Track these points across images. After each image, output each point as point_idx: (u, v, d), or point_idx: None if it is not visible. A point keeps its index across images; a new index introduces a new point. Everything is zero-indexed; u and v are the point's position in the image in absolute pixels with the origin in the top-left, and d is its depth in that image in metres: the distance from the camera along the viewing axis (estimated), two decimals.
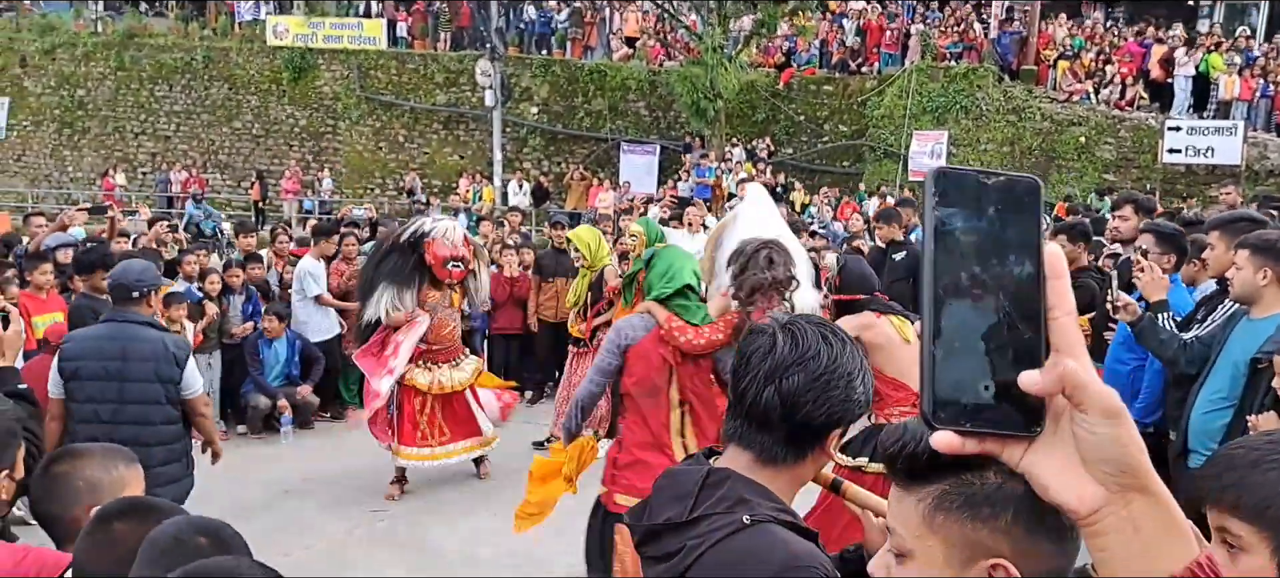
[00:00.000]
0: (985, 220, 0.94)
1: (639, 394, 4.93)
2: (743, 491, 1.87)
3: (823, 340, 1.89)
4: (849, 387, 1.88)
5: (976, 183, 0.95)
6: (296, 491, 8.41)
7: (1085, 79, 23.98)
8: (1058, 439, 0.93)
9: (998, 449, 0.95)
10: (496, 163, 26.12)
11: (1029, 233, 0.94)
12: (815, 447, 1.92)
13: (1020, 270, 0.93)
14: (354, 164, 29.18)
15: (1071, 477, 0.93)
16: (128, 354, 5.46)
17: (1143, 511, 0.93)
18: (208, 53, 29.95)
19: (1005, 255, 0.93)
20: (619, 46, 28.81)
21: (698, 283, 5.14)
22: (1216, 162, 21.34)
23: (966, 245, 0.93)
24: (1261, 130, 22.34)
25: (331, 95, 29.30)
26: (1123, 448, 0.91)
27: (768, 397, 1.87)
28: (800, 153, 26.14)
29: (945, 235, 0.94)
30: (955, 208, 0.94)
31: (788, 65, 26.80)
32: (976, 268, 0.93)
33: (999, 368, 0.92)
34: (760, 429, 1.90)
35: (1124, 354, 6.33)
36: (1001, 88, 24.09)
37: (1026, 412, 0.93)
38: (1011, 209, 0.94)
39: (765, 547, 1.79)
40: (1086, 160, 22.92)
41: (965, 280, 0.93)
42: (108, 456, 2.93)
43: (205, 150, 30.04)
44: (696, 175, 23.76)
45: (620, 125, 27.60)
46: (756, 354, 1.91)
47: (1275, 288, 4.82)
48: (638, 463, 4.85)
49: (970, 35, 25.22)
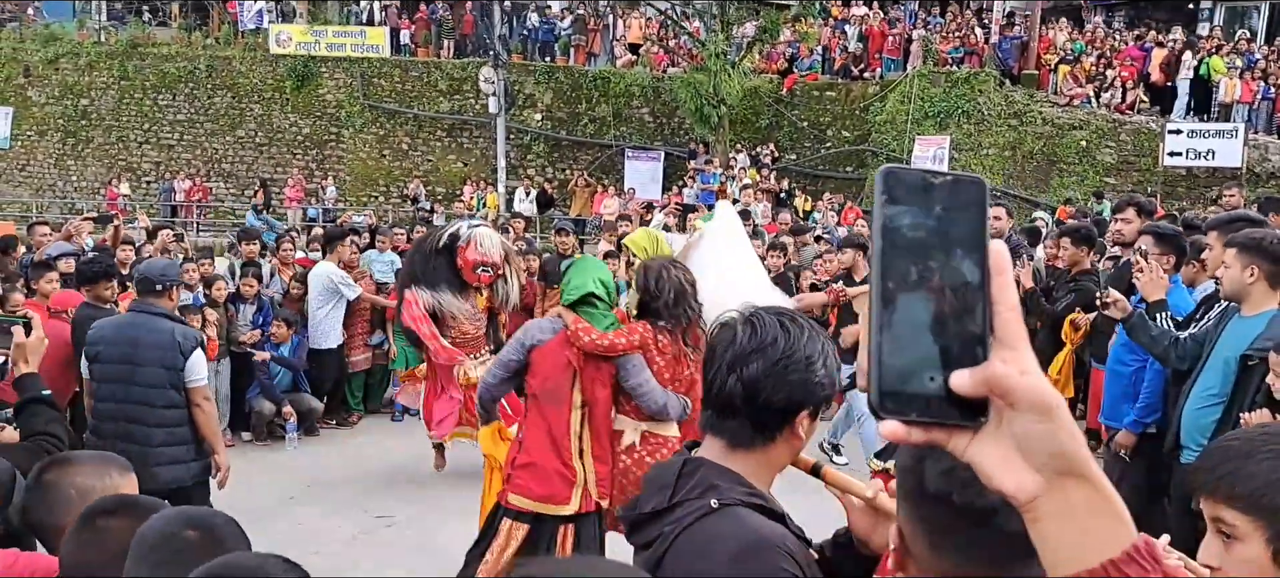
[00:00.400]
0: (932, 218, 0.95)
1: (542, 394, 5.21)
2: (713, 477, 1.98)
3: (781, 328, 1.99)
4: (808, 370, 1.97)
5: (923, 182, 0.97)
6: (302, 497, 8.44)
7: (1086, 83, 24.00)
8: (1000, 430, 0.95)
9: (944, 439, 0.97)
10: (500, 170, 26.15)
11: (975, 230, 0.96)
12: (782, 429, 2.01)
13: (965, 266, 0.95)
14: (357, 172, 29.22)
15: (1012, 466, 0.95)
16: (139, 342, 5.86)
17: (1079, 496, 0.95)
18: (211, 62, 30.00)
19: (951, 251, 0.95)
20: (622, 53, 28.85)
21: (607, 292, 5.39)
22: (1217, 164, 21.36)
23: (913, 241, 0.95)
24: (1263, 133, 22.36)
25: (335, 103, 29.33)
26: (1055, 440, 0.94)
27: (731, 385, 1.98)
28: (803, 159, 26.17)
29: (893, 232, 0.95)
30: (902, 205, 0.96)
31: (791, 71, 26.83)
32: (923, 263, 0.95)
33: (944, 360, 0.94)
34: (727, 416, 2.01)
35: (1126, 356, 6.35)
36: (1003, 92, 24.12)
37: (970, 403, 0.94)
38: (958, 207, 0.96)
39: (729, 529, 1.90)
40: (1087, 164, 22.93)
41: (912, 275, 0.95)
42: (101, 463, 2.90)
43: (209, 159, 30.07)
44: (701, 182, 23.78)
45: (624, 132, 27.62)
46: (720, 346, 2.03)
47: (1263, 285, 4.88)
48: (532, 465, 5.18)
49: (971, 40, 25.26)
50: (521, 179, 26.70)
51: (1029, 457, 0.95)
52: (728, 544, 1.88)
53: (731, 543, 1.88)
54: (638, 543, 2.06)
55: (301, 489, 8.63)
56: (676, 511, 1.97)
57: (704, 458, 2.05)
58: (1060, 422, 0.94)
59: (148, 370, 5.84)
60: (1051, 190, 22.24)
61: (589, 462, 5.26)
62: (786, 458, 2.08)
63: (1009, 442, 0.95)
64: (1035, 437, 0.94)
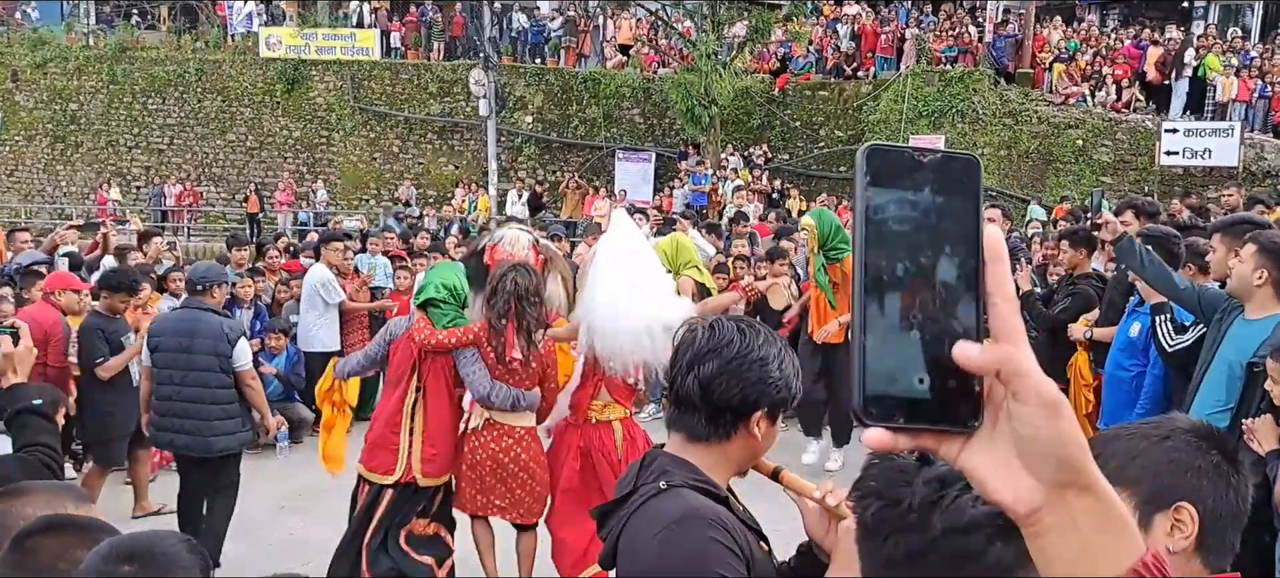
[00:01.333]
0: (920, 201, 0.88)
1: (390, 379, 6.07)
2: (667, 465, 2.16)
3: (738, 332, 2.16)
4: (763, 370, 2.13)
5: (911, 161, 0.90)
6: (293, 506, 8.34)
7: (1081, 82, 23.95)
8: (996, 435, 0.89)
9: (934, 445, 0.91)
10: (491, 172, 26.05)
11: (968, 215, 0.89)
12: (738, 426, 2.16)
13: (958, 254, 0.88)
14: (348, 175, 29.12)
15: (1009, 474, 0.88)
16: (195, 333, 6.87)
17: (1083, 509, 0.88)
18: (200, 65, 29.90)
19: (942, 239, 0.88)
20: (613, 54, 28.78)
21: (452, 294, 6.06)
22: (1214, 163, 21.35)
23: (900, 229, 0.88)
24: (1259, 131, 22.32)
25: (325, 107, 29.24)
26: (1061, 443, 0.86)
27: (689, 383, 2.15)
28: (796, 158, 26.12)
29: (877, 219, 0.88)
30: (888, 189, 0.88)
31: (783, 71, 26.75)
32: (911, 253, 0.88)
33: (934, 360, 0.87)
34: (686, 412, 2.18)
35: (1125, 360, 6.36)
36: (997, 91, 24.07)
37: (962, 406, 0.88)
38: (949, 189, 0.89)
39: (671, 505, 2.06)
40: (1084, 163, 22.90)
41: (899, 267, 0.88)
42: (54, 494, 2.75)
43: (199, 163, 29.97)
44: (692, 182, 23.72)
45: (615, 133, 27.58)
46: (682, 347, 2.21)
47: (1269, 290, 4.81)
48: (376, 444, 6.00)
49: (965, 39, 25.19)
50: (513, 182, 26.63)
51: (1031, 464, 0.88)
52: (664, 517, 2.04)
53: (668, 515, 2.04)
54: (604, 534, 2.21)
55: (292, 498, 8.52)
56: (634, 496, 2.14)
57: (662, 451, 2.24)
58: (1066, 421, 0.87)
59: (201, 357, 6.84)
60: (1048, 190, 22.19)
61: (417, 440, 5.94)
62: (745, 458, 2.22)
63: (1006, 447, 0.88)
64: (1042, 440, 0.86)
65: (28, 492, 2.72)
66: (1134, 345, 6.31)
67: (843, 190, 23.78)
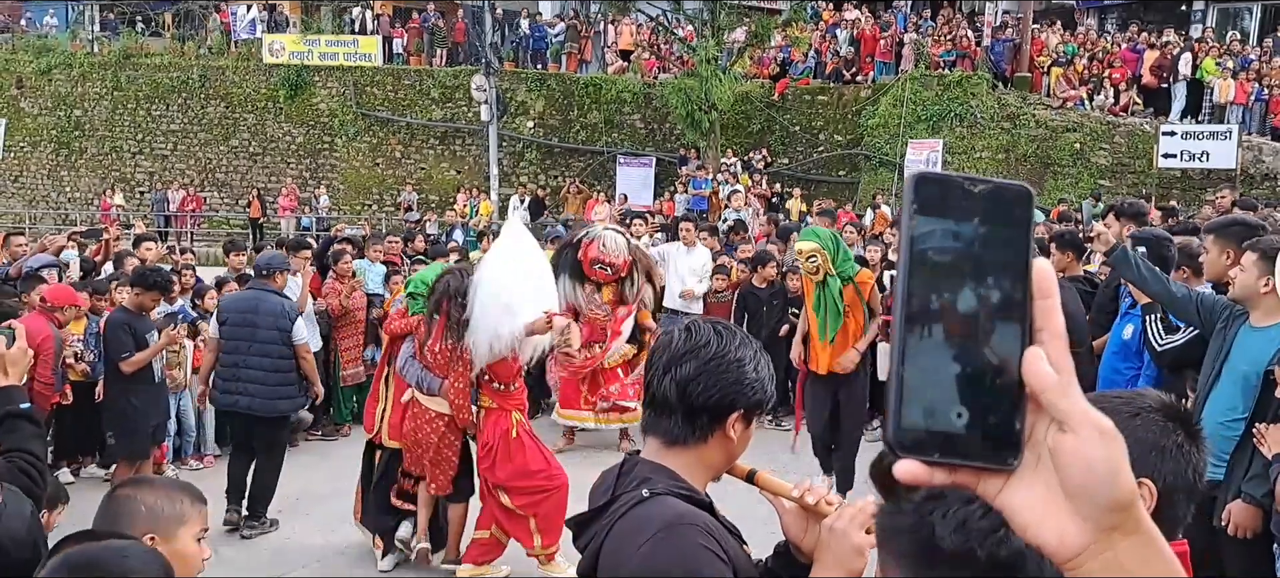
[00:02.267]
0: (969, 232, 0.86)
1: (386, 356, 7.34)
2: (646, 472, 2.12)
3: (715, 333, 2.15)
4: (739, 371, 2.11)
5: (961, 190, 0.87)
6: (290, 511, 8.38)
7: (1079, 85, 23.99)
8: (1038, 472, 0.84)
9: (972, 482, 0.86)
10: (493, 177, 26.12)
11: (1017, 247, 0.86)
12: (716, 429, 2.13)
13: (1005, 288, 0.85)
14: (351, 181, 29.20)
15: (1052, 514, 0.84)
16: (258, 310, 7.97)
17: (1130, 552, 0.84)
18: (204, 72, 29.96)
19: (989, 271, 0.85)
20: (614, 60, 28.83)
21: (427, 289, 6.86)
22: (1211, 166, 21.32)
23: (946, 259, 0.86)
24: (1256, 134, 22.36)
25: (328, 112, 29.31)
26: (1114, 476, 0.82)
27: (666, 385, 2.13)
28: (796, 163, 26.16)
29: (923, 249, 0.86)
30: (936, 218, 0.86)
31: (782, 76, 26.81)
32: (956, 284, 0.85)
33: (975, 394, 0.84)
34: (663, 415, 2.15)
35: (1119, 363, 6.30)
36: (996, 95, 24.13)
37: (1003, 442, 0.85)
38: (998, 220, 0.86)
39: (656, 513, 2.02)
40: (1082, 166, 22.93)
41: (943, 298, 0.85)
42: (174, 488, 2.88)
43: (202, 169, 30.06)
44: (692, 187, 23.76)
45: (616, 138, 27.63)
46: (658, 350, 2.20)
47: (1275, 298, 4.74)
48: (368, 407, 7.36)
49: (963, 43, 25.23)
50: (515, 186, 26.71)
51: (1075, 502, 0.83)
52: (651, 524, 1.99)
53: (655, 522, 1.99)
54: (582, 545, 2.17)
55: (289, 504, 8.54)
56: (613, 505, 2.10)
57: (640, 457, 2.20)
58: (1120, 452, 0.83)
59: (264, 332, 7.89)
60: (1046, 193, 22.18)
61: (388, 407, 7.02)
62: (721, 461, 2.18)
63: (1049, 484, 0.84)
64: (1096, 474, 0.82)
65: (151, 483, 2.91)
66: (1128, 348, 6.24)
67: (843, 194, 23.85)
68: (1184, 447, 1.91)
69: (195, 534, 2.76)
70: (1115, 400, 1.97)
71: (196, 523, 2.79)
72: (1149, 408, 1.94)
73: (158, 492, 2.79)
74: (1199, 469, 1.92)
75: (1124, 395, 2.04)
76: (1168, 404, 1.98)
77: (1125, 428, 1.77)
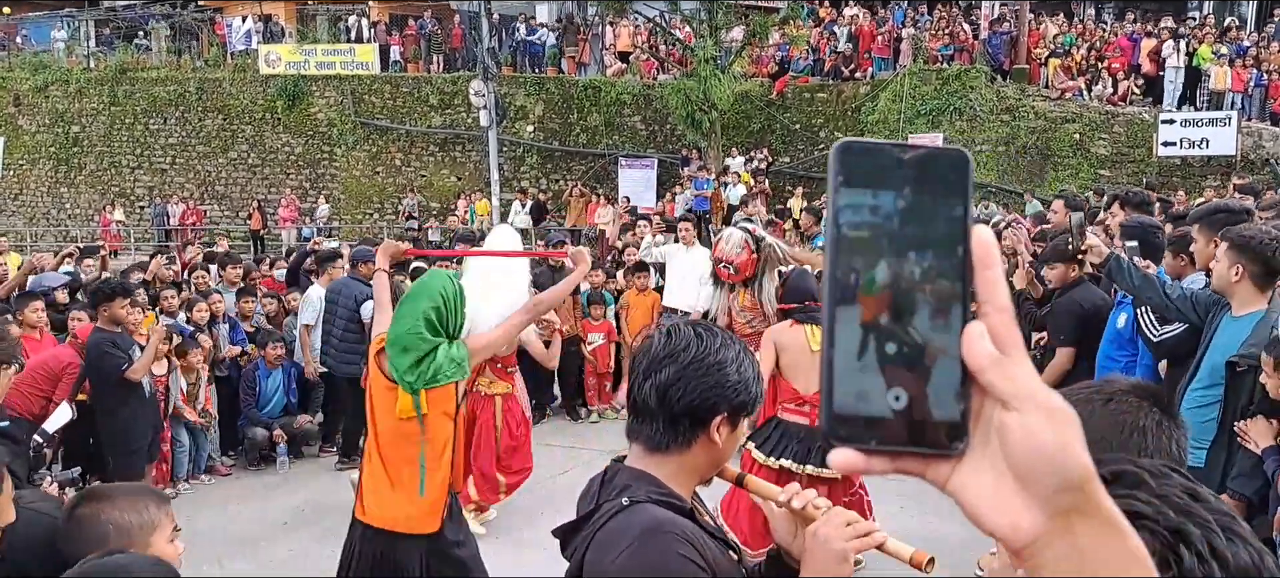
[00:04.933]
0: (899, 204, 0.80)
1: None
2: (627, 479, 2.11)
3: (695, 336, 2.12)
4: (720, 373, 2.08)
5: (890, 159, 0.81)
6: (295, 522, 8.36)
7: (1077, 76, 23.96)
8: (988, 455, 0.79)
9: (919, 469, 0.80)
10: (494, 183, 26.12)
11: (953, 218, 0.80)
12: (699, 433, 2.10)
13: (941, 261, 0.80)
14: (351, 190, 29.18)
15: (1004, 499, 0.78)
16: (342, 292, 9.78)
17: (1089, 538, 0.77)
18: (201, 84, 29.96)
19: (923, 244, 0.80)
20: (612, 61, 28.82)
21: None
22: (1212, 153, 21.30)
23: (877, 233, 0.80)
24: (1257, 120, 22.31)
25: (326, 122, 29.29)
26: (1064, 455, 0.76)
27: (647, 390, 2.11)
28: (797, 161, 26.14)
29: (850, 222, 0.81)
30: (863, 190, 0.81)
31: (781, 74, 26.78)
32: (889, 259, 0.80)
33: (914, 376, 0.79)
34: (645, 421, 2.13)
35: (1114, 351, 6.27)
36: (994, 88, 24.10)
37: (947, 425, 0.79)
38: (934, 189, 0.80)
39: (635, 521, 2.01)
40: (1082, 157, 22.89)
41: (875, 275, 0.80)
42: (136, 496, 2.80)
43: (202, 182, 30.05)
44: (694, 187, 23.73)
45: (617, 140, 27.60)
46: (638, 355, 2.18)
47: (1248, 285, 4.75)
48: None
49: (961, 36, 25.21)
50: (515, 191, 26.69)
51: (1030, 486, 0.77)
52: (629, 533, 1.99)
53: (632, 531, 1.99)
54: (567, 555, 2.16)
55: (294, 514, 8.54)
56: (596, 514, 2.09)
57: (622, 465, 2.17)
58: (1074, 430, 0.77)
59: (342, 309, 9.67)
60: (1047, 184, 22.16)
61: None
62: (706, 465, 2.16)
63: (1000, 469, 0.78)
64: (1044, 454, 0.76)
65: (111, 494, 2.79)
66: (1121, 337, 6.22)
67: None
68: (1163, 423, 1.91)
69: (168, 538, 2.72)
70: (1086, 390, 1.98)
71: (167, 525, 2.74)
72: (1121, 392, 1.95)
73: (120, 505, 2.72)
74: (1182, 444, 1.93)
75: (1093, 384, 2.05)
76: (1139, 385, 1.99)
77: (1101, 414, 1.90)
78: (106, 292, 7.84)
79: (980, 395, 0.79)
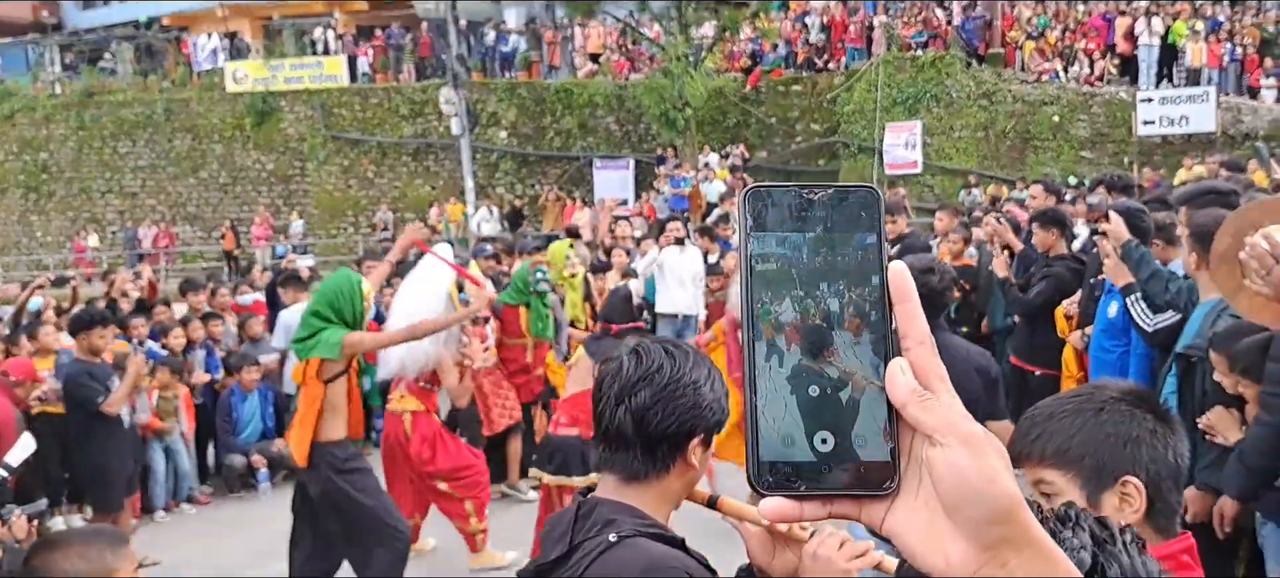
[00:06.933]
0: (812, 243, 0.80)
1: None
2: (609, 513, 1.99)
3: (666, 355, 2.02)
4: (696, 394, 2.00)
5: (798, 200, 0.81)
6: (276, 550, 8.06)
7: (1053, 58, 23.92)
8: (921, 494, 0.78)
9: (853, 512, 0.80)
10: (468, 190, 25.93)
11: (867, 253, 0.80)
12: (676, 458, 2.02)
13: (858, 298, 0.79)
14: (324, 204, 28.96)
15: (936, 535, 0.77)
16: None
17: (1022, 568, 0.77)
18: (168, 105, 29.76)
19: (838, 281, 0.79)
20: (583, 63, 28.67)
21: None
22: (1191, 130, 21.31)
23: (791, 274, 0.80)
24: (1233, 94, 22.28)
25: (297, 137, 29.09)
26: (989, 485, 0.75)
27: (620, 416, 2.00)
28: (775, 155, 26.06)
29: (763, 266, 0.80)
30: (774, 231, 0.81)
31: (754, 68, 26.65)
32: (805, 300, 0.79)
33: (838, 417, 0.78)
34: (620, 449, 2.03)
35: (1107, 340, 6.22)
36: (970, 73, 24.05)
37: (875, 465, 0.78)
38: (846, 226, 0.80)
39: (631, 558, 1.91)
40: (1062, 139, 22.87)
41: (792, 316, 0.79)
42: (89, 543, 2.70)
43: (173, 204, 29.82)
44: (672, 186, 23.60)
45: (592, 142, 27.52)
46: (607, 379, 2.06)
47: (1205, 274, 4.60)
48: None
49: (934, 22, 25.14)
50: (488, 198, 26.53)
51: (960, 521, 0.76)
52: (631, 572, 1.90)
53: (634, 570, 1.90)
54: None
55: (278, 541, 8.25)
56: (576, 554, 1.97)
57: (598, 498, 2.06)
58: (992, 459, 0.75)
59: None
60: (1028, 168, 22.11)
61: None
62: (682, 490, 2.08)
63: (933, 507, 0.77)
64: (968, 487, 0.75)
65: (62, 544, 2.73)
66: (1114, 326, 6.13)
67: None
68: (1157, 431, 1.89)
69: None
70: (1076, 400, 1.96)
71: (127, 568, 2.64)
72: (1111, 399, 1.92)
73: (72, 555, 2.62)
74: (1180, 451, 1.91)
75: (1083, 392, 2.02)
76: (1130, 390, 1.97)
77: (1093, 426, 1.89)
78: (85, 320, 7.68)
79: (908, 433, 0.79)
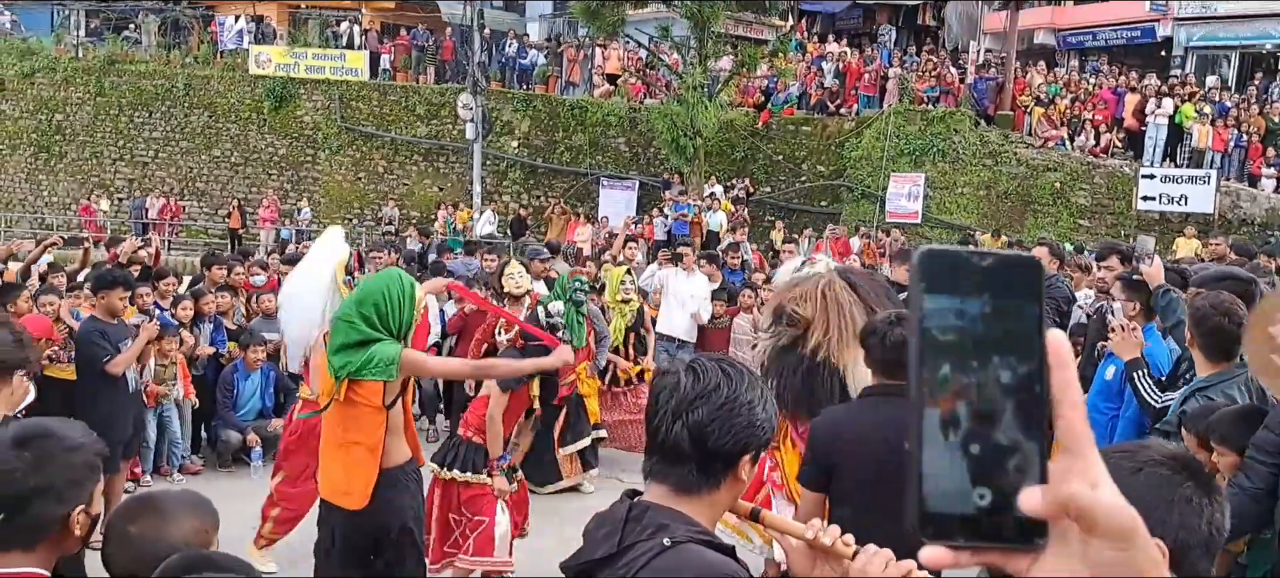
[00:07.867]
0: (978, 307, 0.84)
1: None
2: (662, 518, 2.01)
3: (723, 374, 2.06)
4: (751, 413, 2.04)
5: (967, 264, 0.85)
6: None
7: (1061, 125, 24.18)
8: (1066, 547, 0.84)
9: (1001, 562, 0.85)
10: (476, 195, 26.12)
11: (1029, 320, 0.84)
12: (728, 474, 2.07)
13: (1019, 363, 0.84)
14: (333, 194, 29.11)
15: None
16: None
17: None
18: (189, 81, 29.84)
19: (1002, 346, 0.84)
20: (600, 82, 28.90)
21: None
22: (1190, 210, 21.51)
23: (957, 338, 0.84)
24: (1235, 180, 22.55)
25: (312, 125, 29.23)
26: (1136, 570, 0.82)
27: (677, 431, 2.03)
28: (779, 192, 26.23)
29: (933, 327, 0.85)
30: (944, 295, 0.85)
31: (766, 105, 26.91)
32: (969, 362, 0.84)
33: (995, 475, 0.83)
34: (674, 463, 2.06)
35: (1102, 403, 6.25)
36: (978, 132, 24.26)
37: (1028, 522, 0.84)
38: (1008, 293, 0.85)
39: (686, 562, 1.94)
40: (1062, 206, 23.08)
41: (957, 377, 0.84)
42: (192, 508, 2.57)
43: (183, 178, 29.92)
44: (675, 211, 23.77)
45: (600, 161, 27.67)
46: (663, 393, 2.09)
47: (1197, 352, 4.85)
48: None
49: (947, 79, 25.41)
50: (495, 203, 26.76)
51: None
52: (687, 576, 1.93)
53: (689, 573, 1.93)
54: None
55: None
56: (627, 554, 1.99)
57: (651, 502, 2.07)
58: (1140, 549, 0.83)
59: None
60: (1026, 230, 22.34)
61: None
62: (728, 502, 2.12)
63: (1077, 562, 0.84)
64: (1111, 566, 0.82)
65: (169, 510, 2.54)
66: (1110, 389, 6.21)
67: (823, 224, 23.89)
68: (1193, 500, 1.84)
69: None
70: (1117, 455, 1.89)
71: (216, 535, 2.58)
72: (1152, 461, 1.88)
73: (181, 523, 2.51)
74: (1216, 523, 1.85)
75: (1127, 449, 1.98)
76: (1174, 455, 1.93)
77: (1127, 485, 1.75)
78: (108, 280, 7.72)
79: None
